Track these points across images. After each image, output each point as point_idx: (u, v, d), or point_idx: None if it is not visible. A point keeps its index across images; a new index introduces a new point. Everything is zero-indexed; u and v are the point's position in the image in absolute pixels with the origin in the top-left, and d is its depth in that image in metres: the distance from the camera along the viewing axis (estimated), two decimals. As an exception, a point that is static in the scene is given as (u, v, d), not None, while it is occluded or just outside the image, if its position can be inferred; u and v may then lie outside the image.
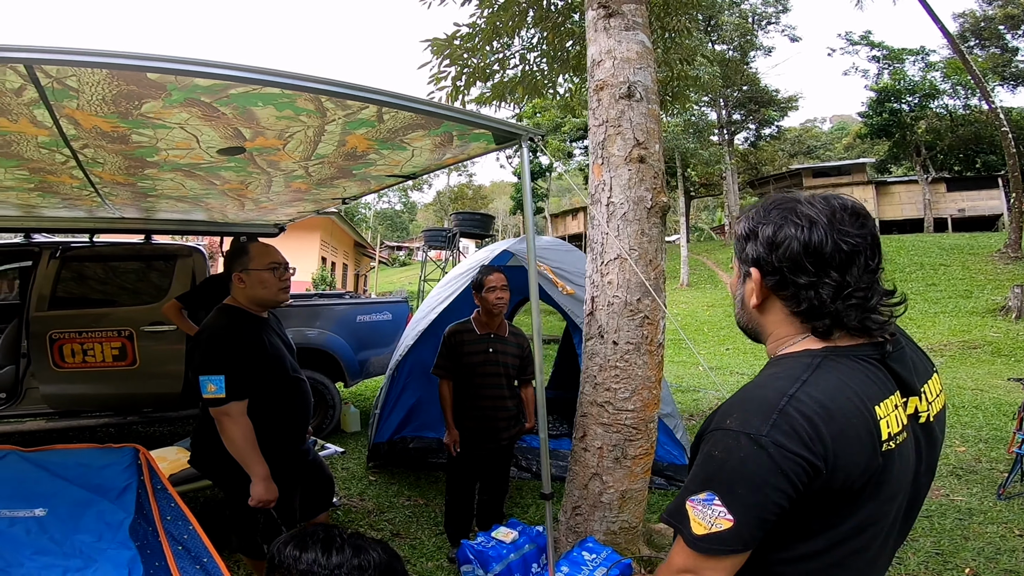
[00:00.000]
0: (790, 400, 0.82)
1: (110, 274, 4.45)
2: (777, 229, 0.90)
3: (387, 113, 1.71)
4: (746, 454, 0.82)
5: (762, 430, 0.81)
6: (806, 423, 0.81)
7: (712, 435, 0.89)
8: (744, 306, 1.01)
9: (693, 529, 0.86)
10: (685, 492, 0.90)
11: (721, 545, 0.84)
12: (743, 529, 0.83)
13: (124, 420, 4.30)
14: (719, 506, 0.83)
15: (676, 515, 0.91)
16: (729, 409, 0.89)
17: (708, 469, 0.87)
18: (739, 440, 0.83)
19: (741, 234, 0.98)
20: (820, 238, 0.86)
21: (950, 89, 22.54)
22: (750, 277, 0.95)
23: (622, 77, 2.69)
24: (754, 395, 0.88)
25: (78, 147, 1.89)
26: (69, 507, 2.02)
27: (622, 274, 2.64)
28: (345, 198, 3.22)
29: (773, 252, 0.90)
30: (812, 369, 0.86)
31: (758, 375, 0.95)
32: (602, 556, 2.44)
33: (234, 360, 2.04)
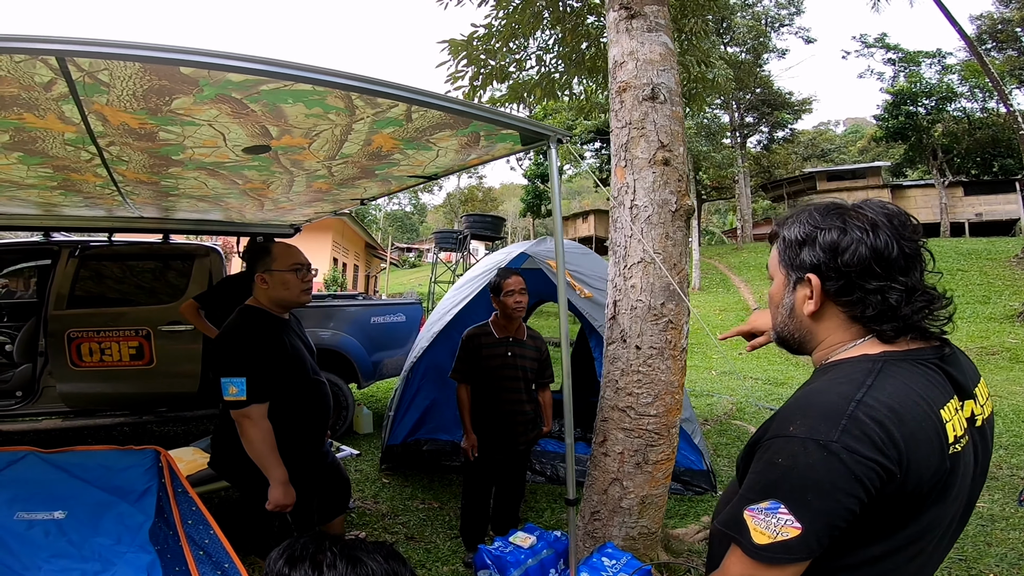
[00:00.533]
0: (859, 405, 0.81)
1: (128, 273, 4.48)
2: (841, 234, 0.88)
3: (416, 112, 1.69)
4: (815, 460, 0.81)
5: (831, 436, 0.80)
6: (878, 427, 0.80)
7: (772, 443, 0.87)
8: (793, 314, 0.98)
9: (754, 539, 0.84)
10: (742, 501, 0.89)
11: (787, 554, 0.83)
12: (811, 537, 0.81)
13: (139, 419, 4.32)
14: (785, 514, 0.82)
15: (732, 525, 0.90)
16: (790, 416, 0.87)
17: (771, 477, 0.86)
18: (806, 447, 0.82)
19: (795, 240, 0.95)
20: (886, 242, 0.86)
21: (967, 92, 22.20)
22: (804, 283, 0.93)
23: (645, 79, 2.66)
24: (817, 401, 0.86)
25: (104, 144, 1.88)
26: (88, 509, 2.01)
27: (646, 278, 2.60)
28: (364, 199, 3.21)
29: (838, 257, 0.88)
30: (875, 374, 0.85)
31: (814, 381, 0.93)
32: (622, 562, 2.40)
33: (255, 362, 2.03)
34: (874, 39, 23.76)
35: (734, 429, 5.60)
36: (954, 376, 0.90)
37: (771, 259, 1.05)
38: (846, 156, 34.07)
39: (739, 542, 0.87)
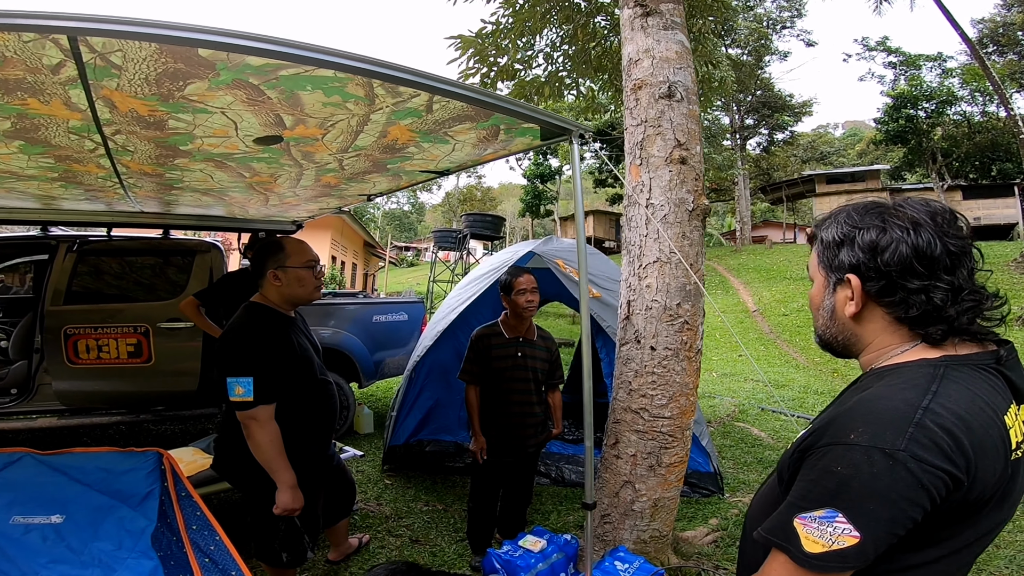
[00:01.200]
0: (926, 412, 0.79)
1: (127, 269, 4.40)
2: (880, 233, 0.87)
3: (438, 103, 1.64)
4: (879, 469, 0.78)
5: (898, 444, 0.78)
6: (946, 435, 0.78)
7: (829, 450, 0.84)
8: (835, 316, 0.96)
9: (805, 547, 0.83)
10: (791, 509, 0.87)
11: (841, 563, 0.81)
12: (868, 546, 0.80)
13: (137, 418, 4.24)
14: (843, 523, 0.80)
15: (780, 533, 0.87)
16: (848, 423, 0.84)
17: (827, 486, 0.83)
18: (870, 455, 0.79)
19: (832, 240, 0.93)
20: (929, 240, 0.84)
21: (968, 96, 22.29)
22: (844, 284, 0.92)
23: (661, 77, 2.62)
24: (879, 407, 0.83)
25: (110, 133, 1.82)
26: (88, 514, 1.93)
27: (662, 278, 2.55)
28: (371, 194, 3.16)
29: (877, 256, 0.87)
30: (938, 379, 0.83)
31: (870, 386, 0.89)
32: (635, 566, 2.35)
33: (263, 361, 1.97)
34: (876, 42, 23.85)
35: (737, 431, 5.56)
36: (1013, 381, 0.88)
37: (811, 261, 1.03)
38: (845, 159, 34.17)
39: (786, 550, 0.85)
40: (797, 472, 0.92)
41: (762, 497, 1.18)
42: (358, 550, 2.84)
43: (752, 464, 4.49)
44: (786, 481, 0.97)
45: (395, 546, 2.95)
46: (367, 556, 2.82)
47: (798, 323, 14.24)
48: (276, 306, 2.13)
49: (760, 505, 1.17)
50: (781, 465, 1.04)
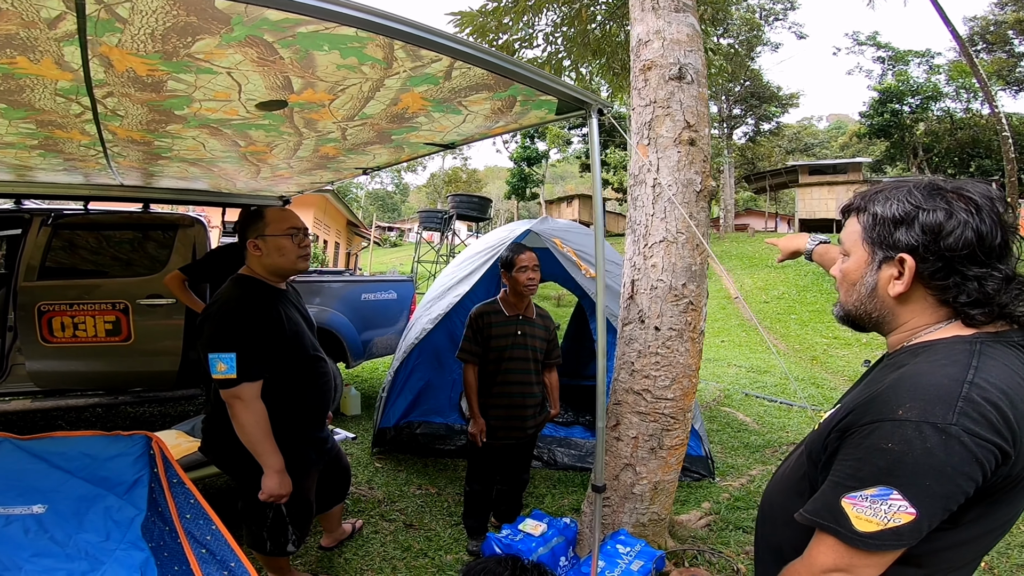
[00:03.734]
0: (972, 386, 0.79)
1: (104, 244, 4.20)
2: (947, 216, 0.85)
3: (458, 69, 1.54)
4: (933, 444, 0.78)
5: (949, 419, 0.78)
6: (993, 409, 0.78)
7: (876, 427, 0.83)
8: (875, 294, 0.94)
9: (857, 526, 0.82)
10: (838, 489, 0.86)
11: (896, 540, 0.81)
12: (923, 522, 0.80)
13: (115, 400, 4.08)
14: (899, 500, 0.80)
15: (826, 515, 0.87)
16: (894, 399, 0.83)
17: (879, 463, 0.82)
18: (922, 430, 0.79)
19: (891, 217, 0.90)
20: (991, 227, 0.83)
21: (952, 92, 22.69)
22: (895, 263, 0.89)
23: (672, 58, 2.59)
24: (924, 383, 0.82)
25: (101, 95, 1.69)
26: (72, 503, 1.82)
27: (668, 257, 2.51)
28: (368, 168, 3.03)
29: (940, 240, 0.84)
30: (976, 355, 0.83)
31: (905, 364, 0.88)
32: (636, 549, 2.34)
33: (248, 336, 1.86)
34: (866, 37, 24.07)
35: (723, 416, 5.61)
36: None
37: (849, 233, 0.99)
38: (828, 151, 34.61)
39: (835, 531, 0.85)
40: (835, 453, 0.91)
41: (782, 480, 1.16)
42: (351, 536, 2.78)
43: (739, 449, 4.54)
44: (822, 462, 0.96)
45: (389, 531, 2.90)
46: (360, 542, 2.76)
47: (778, 310, 14.47)
48: (264, 278, 2.03)
49: (781, 488, 1.15)
50: (811, 446, 1.03)
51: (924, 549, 0.86)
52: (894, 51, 23.76)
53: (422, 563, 2.61)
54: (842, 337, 11.47)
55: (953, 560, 0.90)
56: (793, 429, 5.14)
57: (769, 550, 1.13)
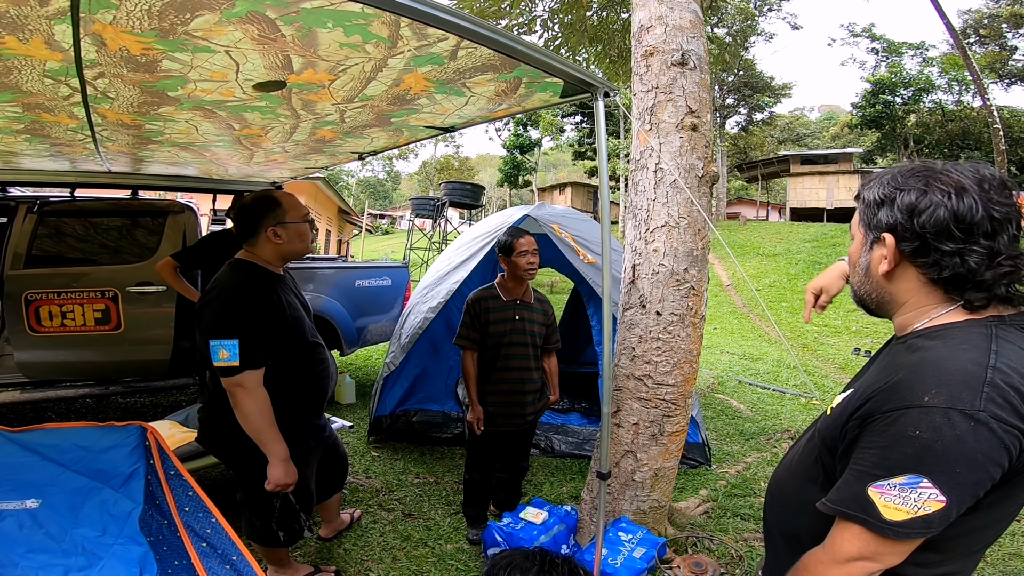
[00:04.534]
0: (995, 371, 0.79)
1: (92, 231, 4.11)
2: (920, 195, 0.87)
3: (464, 49, 1.49)
4: (963, 431, 0.77)
5: (976, 405, 0.77)
6: (1016, 394, 0.78)
7: (901, 414, 0.82)
8: (869, 274, 0.97)
9: (885, 515, 0.82)
10: (863, 478, 0.85)
11: (925, 528, 0.81)
12: (952, 509, 0.80)
13: (106, 390, 4.01)
14: (929, 488, 0.79)
15: (852, 504, 0.86)
16: (918, 385, 0.82)
17: (907, 451, 0.81)
18: (950, 417, 0.78)
19: (873, 200, 0.94)
20: (970, 205, 0.84)
21: (944, 84, 22.81)
22: (880, 243, 0.93)
23: (675, 44, 2.56)
24: (948, 368, 0.82)
25: (91, 77, 1.63)
26: (66, 497, 1.77)
27: (669, 242, 2.50)
28: (365, 152, 2.97)
29: (914, 218, 0.87)
30: (994, 339, 0.83)
31: (920, 349, 0.88)
32: (638, 536, 2.35)
33: (250, 322, 1.82)
34: (862, 28, 24.11)
35: (717, 403, 5.65)
36: None
37: (854, 219, 1.03)
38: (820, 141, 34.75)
39: (863, 521, 0.84)
40: (855, 440, 0.90)
41: (791, 466, 1.15)
42: (350, 526, 2.76)
43: (734, 436, 4.57)
44: (841, 450, 0.95)
45: (388, 521, 2.88)
46: (359, 532, 2.74)
47: (770, 298, 14.58)
48: (266, 264, 1.99)
49: (791, 474, 1.14)
50: (827, 433, 1.02)
51: (944, 535, 0.86)
52: (888, 43, 23.83)
53: (422, 552, 2.60)
54: (832, 325, 11.59)
55: (971, 545, 0.91)
56: (787, 416, 5.18)
57: (782, 536, 1.13)
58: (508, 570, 0.81)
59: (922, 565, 0.89)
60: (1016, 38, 20.61)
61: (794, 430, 4.68)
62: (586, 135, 26.27)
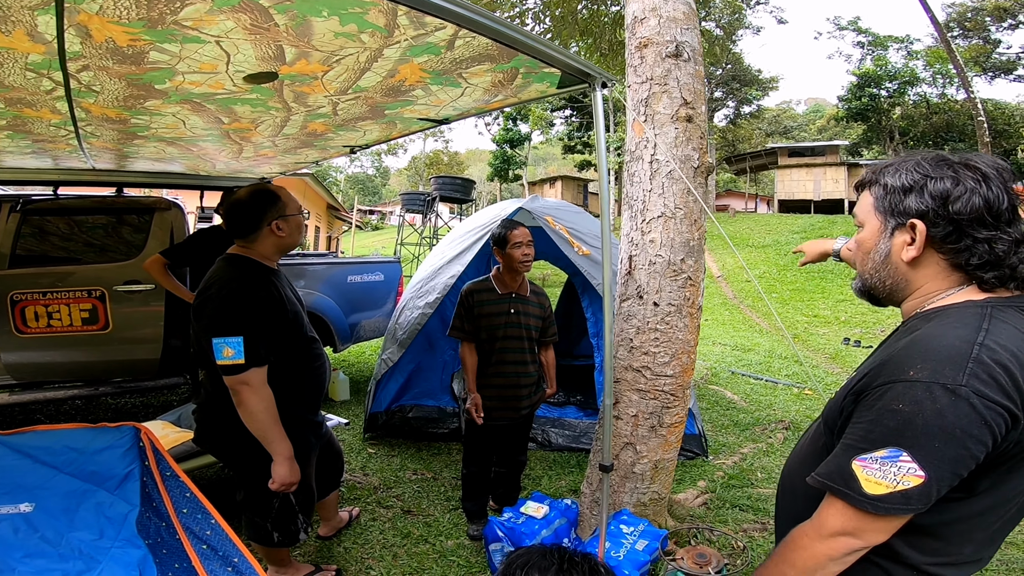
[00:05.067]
0: (982, 348, 0.80)
1: (77, 229, 4.02)
2: (954, 183, 0.88)
3: (462, 39, 1.46)
4: (943, 405, 0.78)
5: (959, 379, 0.78)
6: (1003, 371, 0.78)
7: (887, 388, 0.83)
8: (889, 260, 0.97)
9: (866, 489, 0.82)
10: (849, 451, 0.86)
11: (904, 504, 0.81)
12: (933, 486, 0.80)
13: (95, 391, 3.95)
14: (908, 462, 0.80)
15: (837, 477, 0.87)
16: (906, 361, 0.84)
17: (889, 424, 0.82)
18: (931, 391, 0.79)
19: (899, 186, 0.94)
20: (998, 193, 0.87)
21: (929, 77, 23.08)
22: (907, 229, 0.92)
23: (669, 36, 2.56)
24: (935, 345, 0.83)
25: (75, 69, 1.57)
26: (60, 500, 1.72)
27: (666, 233, 2.49)
28: (356, 146, 2.92)
29: (948, 205, 0.87)
30: (987, 318, 0.84)
31: (919, 328, 0.89)
32: (639, 529, 2.34)
33: (254, 318, 1.78)
34: (847, 22, 24.31)
35: (711, 394, 5.68)
36: None
37: (862, 206, 1.03)
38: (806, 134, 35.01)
39: (844, 494, 0.85)
40: (850, 416, 0.92)
41: (801, 454, 1.16)
42: (349, 524, 2.73)
43: (729, 427, 4.59)
44: (838, 427, 0.97)
45: (387, 518, 2.86)
46: (359, 530, 2.72)
47: (760, 289, 14.71)
48: (263, 258, 1.96)
49: (801, 461, 1.15)
50: (828, 413, 1.04)
51: (939, 519, 0.87)
52: (874, 36, 24.05)
53: (423, 549, 2.58)
54: (821, 316, 11.71)
55: (969, 532, 0.90)
56: (780, 407, 5.21)
57: (791, 523, 1.13)
58: (525, 569, 0.79)
59: (922, 551, 0.89)
60: (999, 31, 20.87)
61: (788, 420, 4.71)
62: (575, 129, 26.25)
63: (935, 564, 0.90)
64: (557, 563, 0.78)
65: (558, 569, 0.78)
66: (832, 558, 0.88)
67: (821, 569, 0.89)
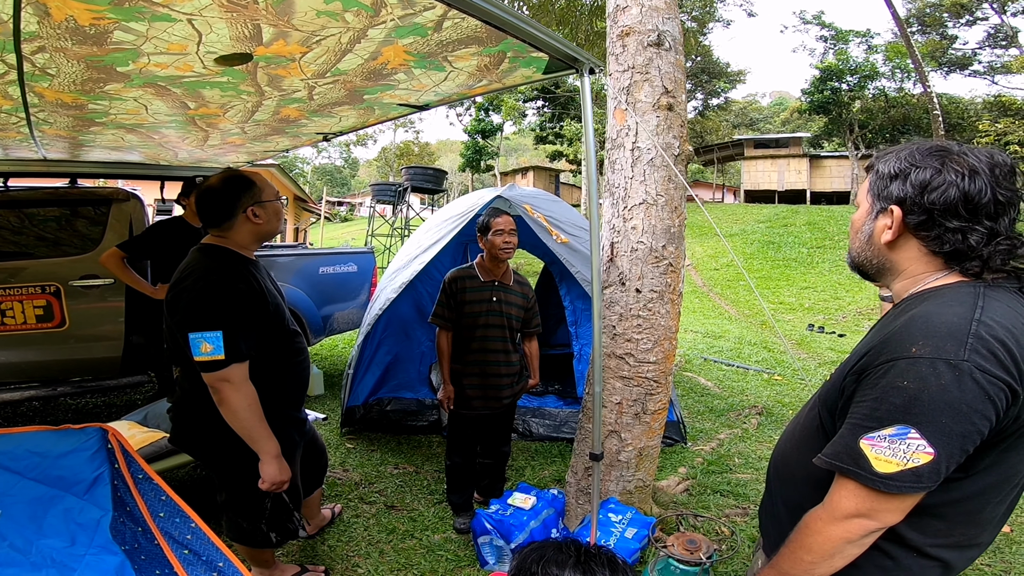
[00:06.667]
0: (979, 324, 0.81)
1: (28, 223, 3.78)
2: (935, 174, 0.91)
3: (451, 20, 1.40)
4: (947, 381, 0.79)
5: (961, 355, 0.79)
6: (1000, 346, 0.80)
7: (892, 366, 0.84)
8: (871, 241, 1.01)
9: (876, 468, 0.84)
10: (855, 431, 0.86)
11: (916, 482, 0.81)
12: (942, 462, 0.80)
13: (53, 392, 3.74)
14: (916, 439, 0.80)
15: (845, 458, 0.87)
16: (907, 338, 0.85)
17: (895, 401, 0.82)
18: (936, 367, 0.79)
19: (887, 173, 0.97)
20: (981, 187, 0.88)
21: (888, 72, 23.84)
22: (886, 213, 0.96)
23: (651, 25, 2.55)
24: (935, 322, 0.84)
25: (30, 51, 1.45)
26: (25, 507, 1.62)
27: (647, 219, 2.49)
28: (330, 133, 2.82)
29: (925, 194, 0.90)
30: (981, 296, 0.86)
31: (914, 308, 0.91)
32: (627, 517, 2.36)
33: (234, 311, 1.69)
34: (812, 16, 24.84)
35: (686, 381, 5.78)
36: None
37: (862, 188, 1.06)
38: (771, 126, 35.85)
39: (855, 474, 0.85)
40: (852, 396, 0.93)
41: (793, 437, 1.17)
42: (331, 521, 2.66)
43: (705, 413, 4.67)
44: (839, 408, 0.97)
45: (371, 514, 2.80)
46: (342, 527, 2.66)
47: (728, 277, 15.03)
48: (240, 248, 1.85)
49: (795, 445, 1.15)
50: (826, 395, 1.05)
51: (942, 499, 0.88)
52: (837, 31, 24.68)
53: (410, 544, 2.54)
54: (786, 303, 12.06)
55: (972, 511, 0.92)
56: (752, 392, 5.34)
57: (787, 507, 1.13)
58: (541, 564, 0.77)
59: (924, 532, 0.91)
60: (956, 27, 21.67)
61: (761, 405, 4.83)
62: (548, 119, 26.23)
63: (937, 546, 0.91)
64: (575, 556, 0.76)
65: (576, 562, 0.76)
66: (849, 540, 0.88)
67: (839, 552, 0.89)
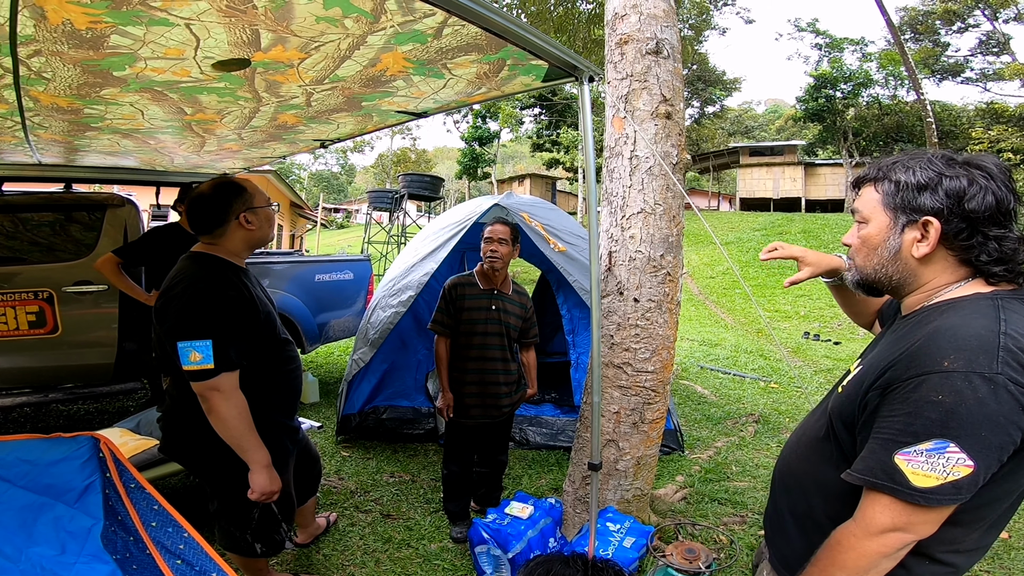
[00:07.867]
0: (1006, 336, 0.81)
1: (22, 228, 3.76)
2: (969, 182, 0.90)
3: (451, 27, 1.40)
4: (984, 394, 0.79)
5: (994, 368, 0.79)
6: None
7: (923, 380, 0.84)
8: (899, 256, 0.97)
9: (915, 482, 0.82)
10: (889, 446, 0.86)
11: (956, 495, 0.81)
12: (981, 474, 0.80)
13: (45, 398, 3.71)
14: (956, 452, 0.80)
15: (880, 472, 0.86)
16: (936, 352, 0.84)
17: (931, 416, 0.82)
18: (971, 381, 0.80)
19: (914, 184, 0.94)
20: (1006, 192, 0.90)
21: (882, 79, 24.08)
22: (916, 226, 0.94)
23: (649, 33, 2.57)
24: (963, 335, 0.84)
25: (26, 55, 1.44)
26: (15, 514, 1.59)
27: (646, 228, 2.49)
28: (327, 140, 2.81)
29: (963, 203, 0.89)
30: (1001, 309, 0.86)
31: (932, 321, 0.90)
32: (625, 526, 2.34)
33: (224, 320, 1.68)
34: (806, 23, 25.12)
35: (683, 389, 5.77)
36: None
37: (866, 201, 1.02)
38: (766, 133, 36.08)
39: (892, 489, 0.84)
40: (876, 410, 0.91)
41: (799, 448, 1.15)
42: (327, 530, 2.63)
43: (702, 421, 4.66)
44: (861, 422, 0.96)
45: (367, 523, 2.77)
46: (337, 536, 2.62)
47: (724, 285, 15.07)
48: (231, 255, 1.84)
49: (801, 456, 1.14)
50: (841, 410, 1.03)
51: (962, 507, 0.87)
52: (831, 38, 24.93)
53: (406, 554, 2.51)
54: (782, 310, 12.09)
55: (988, 516, 0.92)
56: (748, 400, 5.33)
57: (793, 517, 1.12)
58: None
59: (944, 540, 0.90)
60: (948, 35, 21.92)
61: (757, 413, 4.82)
62: (545, 127, 26.35)
63: (945, 551, 0.91)
64: (582, 570, 0.74)
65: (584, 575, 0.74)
66: (884, 555, 0.88)
67: (874, 568, 0.89)
